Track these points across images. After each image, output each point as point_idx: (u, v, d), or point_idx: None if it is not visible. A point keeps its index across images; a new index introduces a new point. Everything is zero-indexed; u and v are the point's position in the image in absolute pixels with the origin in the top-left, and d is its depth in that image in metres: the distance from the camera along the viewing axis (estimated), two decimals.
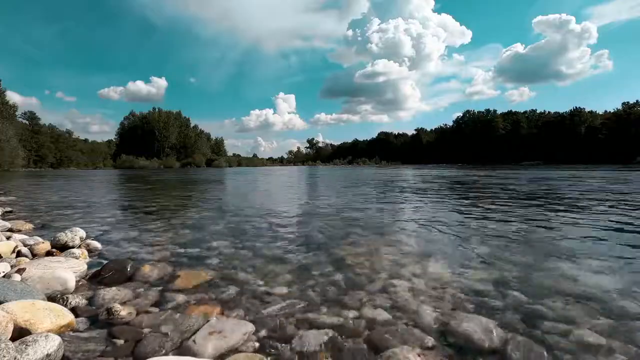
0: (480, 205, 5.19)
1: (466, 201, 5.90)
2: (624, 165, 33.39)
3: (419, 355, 1.15)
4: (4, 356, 0.98)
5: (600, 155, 53.42)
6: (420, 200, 5.92)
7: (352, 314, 1.48)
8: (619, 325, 1.36)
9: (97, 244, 2.65)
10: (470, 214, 4.34)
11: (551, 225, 3.48)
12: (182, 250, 2.56)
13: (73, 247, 2.46)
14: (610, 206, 4.78)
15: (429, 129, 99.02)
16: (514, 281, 1.85)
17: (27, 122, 57.35)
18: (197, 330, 1.32)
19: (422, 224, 3.61)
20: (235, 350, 1.21)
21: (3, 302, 1.32)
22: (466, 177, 14.22)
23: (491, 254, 2.41)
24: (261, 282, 1.86)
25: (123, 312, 1.46)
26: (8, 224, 3.22)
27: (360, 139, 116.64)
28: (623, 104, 59.32)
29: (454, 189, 8.47)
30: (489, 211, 4.46)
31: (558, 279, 1.88)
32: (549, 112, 73.50)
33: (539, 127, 69.90)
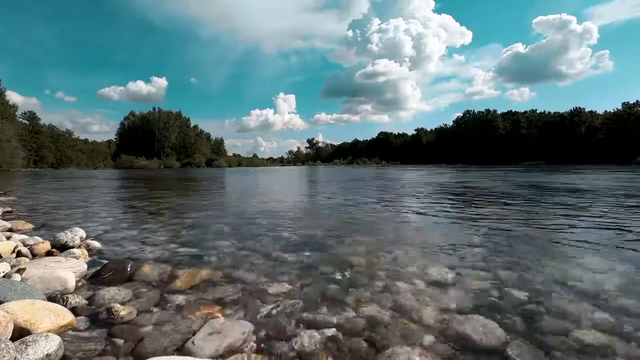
0: (480, 205, 5.19)
1: (466, 201, 5.90)
2: (624, 165, 33.37)
3: (419, 355, 1.15)
4: (4, 356, 0.98)
5: (600, 155, 53.38)
6: (420, 201, 5.91)
7: (352, 313, 1.48)
8: (619, 324, 1.36)
9: (97, 244, 2.65)
10: (470, 214, 4.34)
11: (551, 224, 3.48)
12: (182, 250, 2.56)
13: (73, 247, 2.46)
14: (609, 206, 4.77)
15: (429, 129, 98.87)
16: (514, 280, 1.85)
17: (27, 122, 57.22)
18: (197, 330, 1.32)
19: (422, 224, 3.61)
20: (235, 350, 1.21)
21: (3, 302, 1.32)
22: (466, 177, 14.21)
23: (491, 253, 2.41)
24: (261, 282, 1.86)
25: (123, 312, 1.45)
26: (8, 224, 3.22)
27: (360, 139, 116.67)
28: (623, 104, 59.22)
29: (453, 190, 8.46)
30: (488, 211, 4.46)
31: (558, 278, 1.88)
32: (549, 112, 73.50)
33: (539, 127, 69.86)
